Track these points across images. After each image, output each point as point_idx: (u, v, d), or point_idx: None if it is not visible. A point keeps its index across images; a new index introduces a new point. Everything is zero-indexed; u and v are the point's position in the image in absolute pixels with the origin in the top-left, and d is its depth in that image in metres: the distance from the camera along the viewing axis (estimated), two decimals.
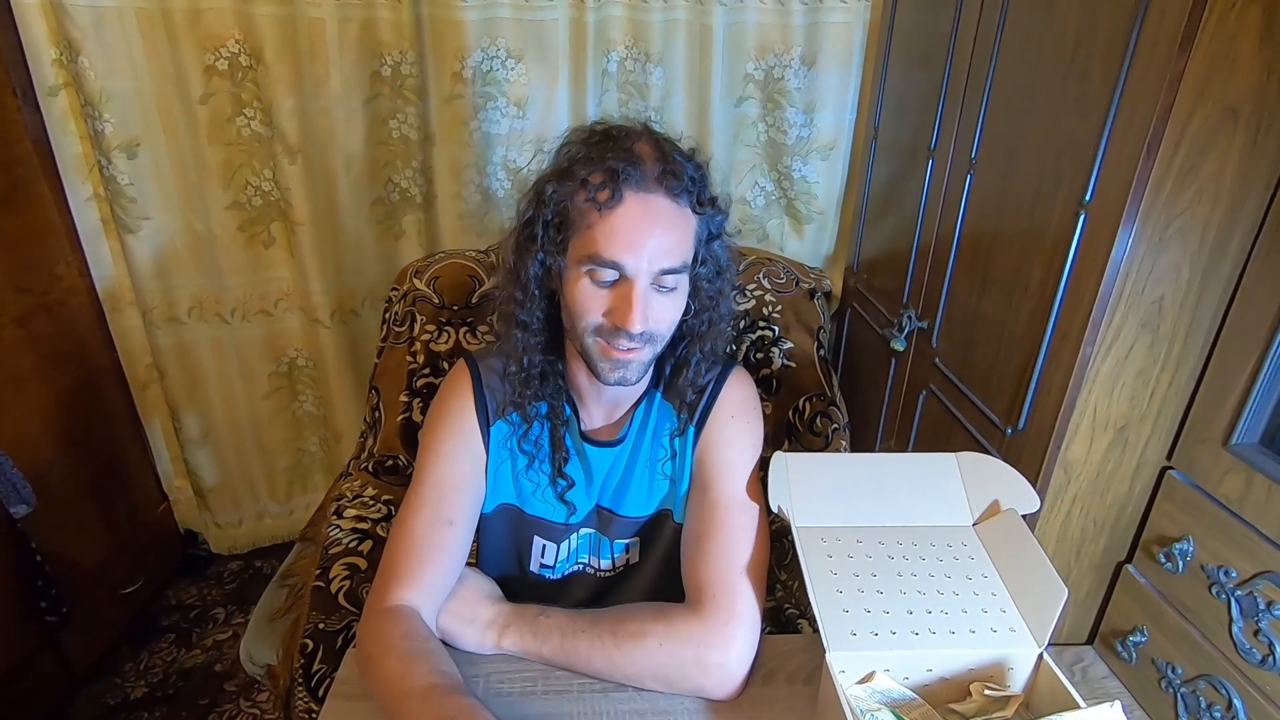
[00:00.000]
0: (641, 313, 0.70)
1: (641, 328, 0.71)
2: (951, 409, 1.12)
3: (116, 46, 1.39)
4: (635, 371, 0.75)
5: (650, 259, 0.70)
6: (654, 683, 0.71)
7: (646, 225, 0.69)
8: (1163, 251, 0.75)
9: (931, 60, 1.19)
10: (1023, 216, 0.93)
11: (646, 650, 0.70)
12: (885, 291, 1.39)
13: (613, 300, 0.72)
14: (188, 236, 1.56)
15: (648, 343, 0.74)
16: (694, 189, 0.73)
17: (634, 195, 0.69)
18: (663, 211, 0.71)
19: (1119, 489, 0.88)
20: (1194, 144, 0.70)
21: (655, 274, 0.71)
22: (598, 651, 0.71)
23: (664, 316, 0.74)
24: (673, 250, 0.71)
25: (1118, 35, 0.74)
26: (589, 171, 0.71)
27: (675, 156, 0.73)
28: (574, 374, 0.84)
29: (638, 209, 0.69)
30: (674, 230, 0.71)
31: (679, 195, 0.71)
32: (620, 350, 0.73)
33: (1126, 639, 0.86)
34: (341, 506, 1.12)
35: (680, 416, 0.85)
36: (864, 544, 0.76)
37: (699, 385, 0.85)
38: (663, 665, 0.70)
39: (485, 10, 1.42)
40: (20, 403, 1.37)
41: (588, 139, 0.74)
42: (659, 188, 0.70)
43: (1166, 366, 0.81)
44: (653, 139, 0.74)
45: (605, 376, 0.75)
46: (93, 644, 1.56)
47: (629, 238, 0.69)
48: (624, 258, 0.69)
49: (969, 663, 0.67)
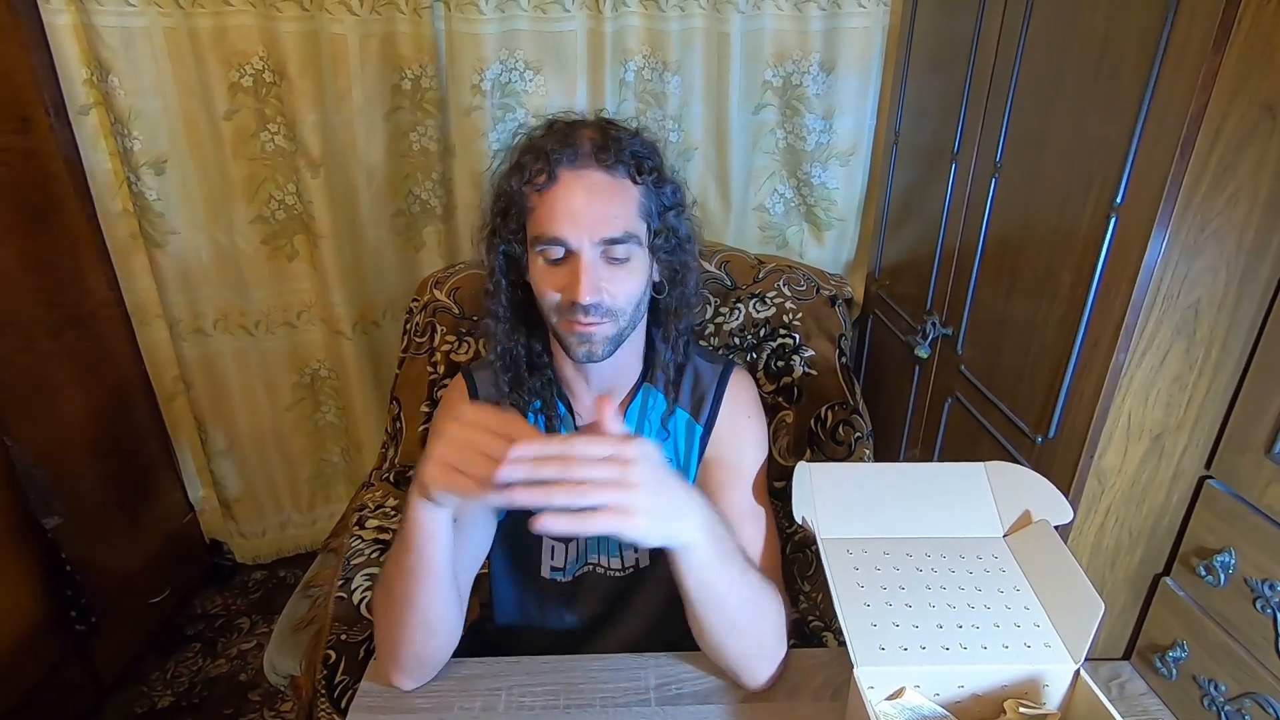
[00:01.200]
0: (590, 284, 0.71)
1: (591, 298, 0.72)
2: (978, 417, 1.10)
3: (145, 65, 1.42)
4: (601, 345, 0.76)
5: (590, 230, 0.71)
6: (748, 639, 0.70)
7: (584, 198, 0.72)
8: (1199, 254, 0.73)
9: (953, 63, 1.18)
10: (1051, 220, 0.91)
11: (776, 605, 0.71)
12: (908, 298, 1.38)
13: (565, 276, 0.73)
14: (213, 250, 1.59)
15: (607, 316, 0.75)
16: (632, 160, 0.74)
17: (569, 172, 0.72)
18: (597, 184, 0.73)
19: (1155, 499, 0.86)
20: (1230, 143, 0.68)
21: (600, 245, 0.72)
22: (760, 595, 0.70)
23: (619, 290, 0.75)
24: (612, 220, 0.73)
25: (1148, 34, 0.73)
26: (529, 159, 0.74)
27: (613, 133, 0.75)
28: (560, 365, 0.85)
29: (573, 184, 0.72)
30: (611, 201, 0.73)
31: (613, 167, 0.73)
32: (580, 324, 0.74)
33: (1165, 654, 0.84)
34: (363, 517, 1.13)
35: (667, 398, 0.86)
36: (891, 556, 0.74)
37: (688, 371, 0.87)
38: (773, 626, 0.71)
39: (503, 22, 1.43)
40: (52, 414, 1.40)
41: (534, 132, 0.78)
42: (592, 161, 0.73)
43: (1204, 372, 0.79)
44: (597, 124, 0.77)
45: (574, 352, 0.77)
46: (121, 653, 1.58)
47: (567, 212, 0.71)
48: (563, 231, 0.72)
49: (1003, 679, 0.65)
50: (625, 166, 0.74)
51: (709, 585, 0.65)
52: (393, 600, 0.69)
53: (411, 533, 0.64)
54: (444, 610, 0.69)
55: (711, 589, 0.66)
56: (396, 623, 0.69)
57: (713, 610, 0.67)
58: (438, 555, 0.66)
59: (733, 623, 0.69)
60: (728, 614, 0.68)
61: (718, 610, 0.67)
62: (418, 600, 0.67)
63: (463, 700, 0.71)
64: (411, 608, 0.68)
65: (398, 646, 0.70)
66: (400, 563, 0.67)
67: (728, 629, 0.69)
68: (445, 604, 0.69)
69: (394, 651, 0.71)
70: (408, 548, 0.65)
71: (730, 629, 0.69)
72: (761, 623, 0.70)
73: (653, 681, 0.74)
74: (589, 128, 0.76)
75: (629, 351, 0.83)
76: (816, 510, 0.76)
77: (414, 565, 0.66)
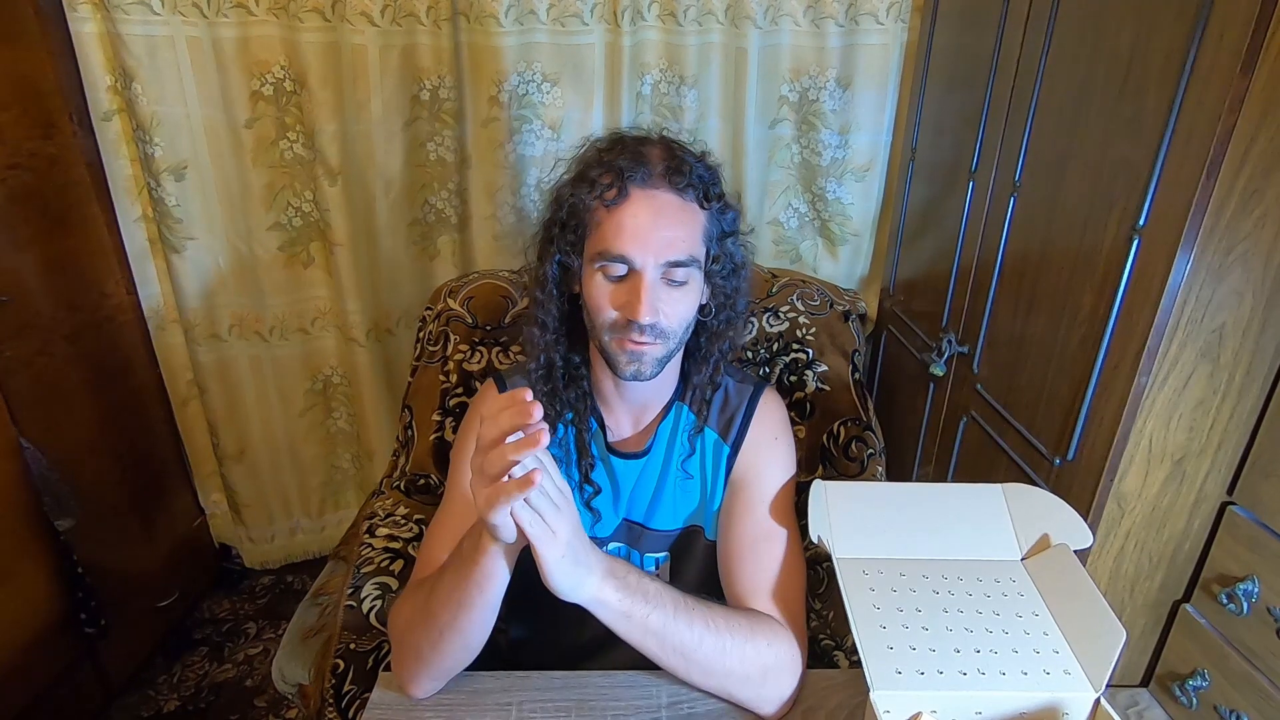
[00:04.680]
0: (650, 304, 0.72)
1: (650, 319, 0.72)
2: (994, 437, 1.09)
3: (168, 73, 1.43)
4: (650, 366, 0.76)
5: (656, 252, 0.72)
6: (735, 681, 0.70)
7: (652, 219, 0.72)
8: (1224, 278, 0.72)
9: (972, 81, 1.17)
10: (1072, 240, 0.90)
11: (756, 648, 0.70)
12: (923, 315, 1.37)
13: (624, 294, 0.73)
14: (230, 256, 1.60)
15: (660, 337, 0.75)
16: (700, 185, 0.74)
17: (639, 191, 0.72)
18: (668, 205, 0.73)
19: (1176, 524, 0.84)
20: (1258, 166, 0.68)
21: (663, 266, 0.73)
22: (711, 634, 0.69)
23: (675, 311, 0.75)
24: (678, 243, 0.73)
25: (1174, 55, 0.72)
26: (599, 173, 0.74)
27: (682, 155, 0.75)
28: (598, 379, 0.85)
29: (643, 204, 0.72)
30: (680, 224, 0.73)
31: (684, 190, 0.73)
32: (633, 342, 0.74)
33: (1185, 683, 0.82)
34: (374, 525, 1.13)
35: (698, 417, 0.86)
36: (908, 577, 0.73)
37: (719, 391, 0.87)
38: (759, 667, 0.70)
39: (522, 35, 1.44)
40: (68, 417, 1.41)
41: (601, 145, 0.78)
42: (664, 183, 0.73)
43: (1228, 397, 0.78)
44: (664, 143, 0.77)
45: (622, 370, 0.76)
46: (129, 656, 1.58)
47: (635, 231, 0.72)
48: (630, 251, 0.72)
49: (1020, 706, 0.64)
50: (695, 190, 0.74)
51: (640, 630, 0.67)
52: (434, 623, 0.68)
53: (474, 571, 0.64)
54: (485, 632, 0.70)
55: (647, 633, 0.67)
56: (434, 644, 0.69)
57: (656, 651, 0.68)
58: (495, 591, 0.66)
59: (687, 660, 0.69)
60: (674, 654, 0.69)
61: (662, 651, 0.68)
62: (464, 627, 0.68)
63: (473, 714, 0.71)
64: (457, 633, 0.68)
65: (430, 663, 0.70)
66: (451, 596, 0.66)
67: (684, 666, 0.70)
68: (488, 626, 0.70)
69: (426, 665, 0.71)
70: (468, 584, 0.65)
71: (688, 666, 0.69)
72: (727, 658, 0.69)
73: (664, 699, 0.73)
74: (657, 146, 0.76)
75: (668, 370, 0.83)
76: (832, 529, 0.76)
77: (473, 599, 0.66)
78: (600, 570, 0.65)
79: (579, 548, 0.63)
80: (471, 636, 0.69)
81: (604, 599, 0.65)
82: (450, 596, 0.67)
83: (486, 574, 0.64)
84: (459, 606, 0.66)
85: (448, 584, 0.67)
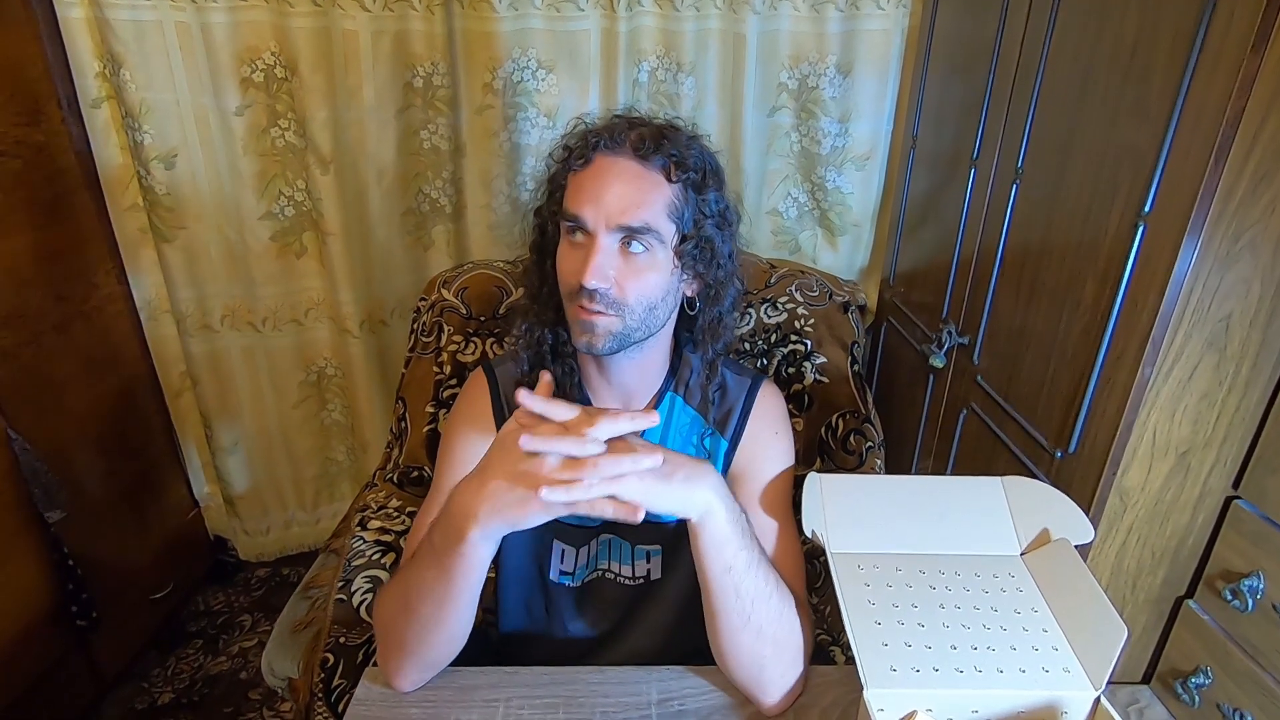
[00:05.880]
0: (596, 267, 0.70)
1: (595, 281, 0.70)
2: (995, 429, 1.07)
3: (157, 59, 1.41)
4: (603, 339, 0.74)
5: (609, 213, 0.71)
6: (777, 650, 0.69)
7: (607, 180, 0.71)
8: (1231, 266, 0.70)
9: (974, 67, 1.15)
10: (1074, 228, 0.88)
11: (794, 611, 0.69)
12: (923, 306, 1.35)
13: (580, 258, 0.72)
14: (222, 246, 1.58)
15: (612, 307, 0.72)
16: (672, 156, 0.73)
17: (603, 157, 0.73)
18: (627, 170, 0.72)
19: (1179, 519, 0.83)
20: (1268, 150, 0.66)
21: (617, 231, 0.71)
22: (778, 595, 0.68)
23: (629, 284, 0.72)
24: (632, 209, 0.71)
25: (1182, 35, 0.70)
26: (576, 141, 0.75)
27: (666, 132, 0.75)
28: (583, 361, 0.84)
29: (602, 166, 0.72)
30: (638, 190, 0.72)
31: (649, 157, 0.72)
32: (583, 309, 0.73)
33: (1188, 680, 0.81)
34: (366, 518, 1.11)
35: (705, 417, 0.84)
36: (904, 572, 0.71)
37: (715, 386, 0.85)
38: (790, 631, 0.69)
39: (517, 21, 1.41)
40: (57, 408, 1.39)
41: (592, 120, 0.78)
42: (628, 149, 0.72)
43: (1234, 389, 0.76)
44: (653, 124, 0.76)
45: (576, 339, 0.76)
46: (122, 648, 1.57)
47: (591, 192, 0.71)
48: (584, 210, 0.71)
49: (1018, 704, 0.62)
50: (662, 160, 0.73)
51: (729, 562, 0.65)
52: (415, 616, 0.67)
53: (454, 564, 0.63)
54: (469, 621, 0.69)
55: (731, 569, 0.65)
56: (418, 636, 0.68)
57: (730, 596, 0.66)
58: (478, 581, 0.65)
59: (748, 616, 0.67)
60: (745, 603, 0.66)
61: (735, 596, 0.66)
62: (446, 619, 0.67)
63: (459, 711, 0.69)
64: (439, 624, 0.67)
65: (414, 654, 0.70)
66: (433, 590, 0.66)
67: (743, 622, 0.67)
68: (471, 616, 0.69)
69: (411, 657, 0.70)
70: (446, 577, 0.64)
71: (746, 623, 0.67)
72: (779, 624, 0.68)
73: (655, 696, 0.71)
74: (644, 125, 0.75)
75: (651, 358, 0.81)
76: (827, 523, 0.74)
77: (453, 592, 0.65)
78: (711, 484, 0.65)
79: (678, 461, 0.64)
80: (455, 628, 0.68)
81: (712, 509, 0.65)
82: (431, 590, 0.66)
83: (467, 565, 0.64)
84: (440, 599, 0.65)
85: (428, 578, 0.66)
